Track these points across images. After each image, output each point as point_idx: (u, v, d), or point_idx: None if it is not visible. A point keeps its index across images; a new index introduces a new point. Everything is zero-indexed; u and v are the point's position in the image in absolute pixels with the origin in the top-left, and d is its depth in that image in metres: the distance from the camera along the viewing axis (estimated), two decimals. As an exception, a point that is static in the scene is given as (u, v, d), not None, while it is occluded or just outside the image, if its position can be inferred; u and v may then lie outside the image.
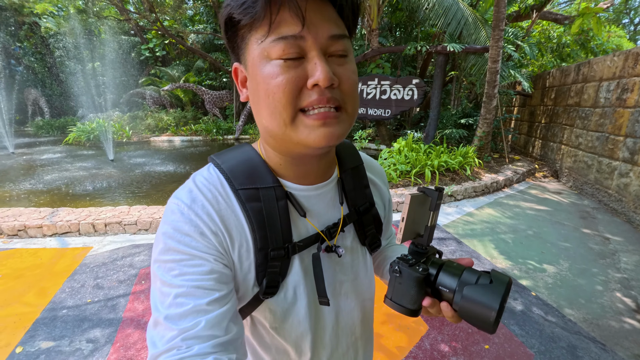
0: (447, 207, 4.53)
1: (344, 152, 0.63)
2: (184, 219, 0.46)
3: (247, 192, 0.50)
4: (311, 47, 0.42)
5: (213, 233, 0.47)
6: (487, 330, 0.44)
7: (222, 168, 0.51)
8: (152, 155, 8.59)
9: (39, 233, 3.44)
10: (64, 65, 14.79)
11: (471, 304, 0.44)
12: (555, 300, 2.46)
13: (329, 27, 0.43)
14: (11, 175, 6.41)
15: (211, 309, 0.42)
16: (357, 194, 0.61)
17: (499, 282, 0.45)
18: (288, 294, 0.53)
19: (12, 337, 2.02)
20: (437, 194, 0.50)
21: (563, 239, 3.57)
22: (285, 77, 0.42)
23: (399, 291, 0.50)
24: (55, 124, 13.51)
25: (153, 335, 0.42)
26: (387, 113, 7.51)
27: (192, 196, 0.48)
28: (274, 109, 0.44)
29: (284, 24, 0.41)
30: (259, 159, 0.53)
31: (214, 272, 0.45)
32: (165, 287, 0.43)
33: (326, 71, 0.42)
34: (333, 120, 0.45)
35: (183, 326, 0.41)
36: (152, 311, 0.44)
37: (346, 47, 0.46)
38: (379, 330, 2.11)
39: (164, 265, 0.45)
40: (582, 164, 5.39)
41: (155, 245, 0.47)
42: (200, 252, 0.45)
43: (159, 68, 14.00)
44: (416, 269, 0.49)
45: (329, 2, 0.44)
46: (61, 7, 12.83)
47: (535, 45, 7.79)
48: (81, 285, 2.58)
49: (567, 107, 6.07)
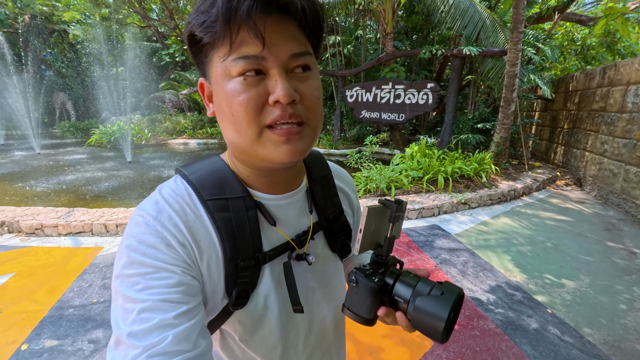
0: (460, 216, 4.38)
1: (311, 161, 0.64)
2: (149, 231, 0.45)
3: (216, 202, 0.49)
4: (272, 65, 0.43)
5: (180, 244, 0.46)
6: (437, 340, 0.45)
7: (189, 179, 0.51)
8: (168, 157, 8.81)
9: (54, 232, 3.56)
10: (90, 70, 15.48)
11: (422, 314, 0.46)
12: (573, 319, 2.30)
13: (290, 45, 0.43)
14: (35, 175, 6.71)
15: (178, 323, 0.40)
16: (326, 202, 0.62)
17: (450, 293, 0.46)
18: (258, 304, 0.53)
19: (19, 334, 2.08)
20: (397, 206, 0.51)
21: (584, 252, 3.36)
22: (246, 95, 0.43)
23: (355, 300, 0.51)
24: (80, 126, 14.11)
25: (114, 355, 0.40)
26: (400, 117, 7.40)
27: (158, 207, 0.47)
28: (238, 126, 0.45)
29: (244, 44, 0.42)
30: (227, 170, 0.53)
31: (182, 284, 0.44)
32: (129, 302, 0.41)
33: (286, 88, 0.42)
34: (296, 136, 0.45)
35: (148, 342, 0.38)
36: (113, 330, 0.41)
37: (308, 62, 0.46)
38: (381, 343, 2.03)
39: (128, 280, 0.43)
40: (608, 172, 5.10)
41: (118, 260, 0.45)
42: (166, 265, 0.44)
43: (178, 72, 14.42)
44: (372, 279, 0.50)
45: (292, 19, 0.44)
46: (88, 15, 13.46)
47: (557, 47, 7.49)
48: (89, 285, 2.63)
49: (591, 112, 5.77)
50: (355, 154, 6.48)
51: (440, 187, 4.88)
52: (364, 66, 8.37)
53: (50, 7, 13.84)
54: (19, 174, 6.72)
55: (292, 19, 0.44)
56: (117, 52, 14.99)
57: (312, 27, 0.46)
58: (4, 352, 1.92)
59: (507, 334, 2.13)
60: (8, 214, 3.71)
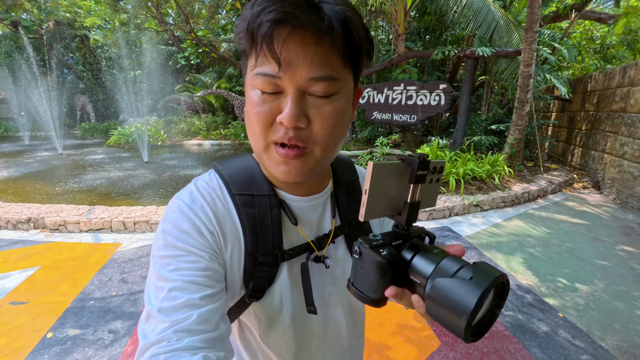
0: (472, 218, 4.34)
1: (339, 166, 0.64)
2: (183, 218, 0.49)
3: (243, 197, 0.53)
4: (288, 86, 0.43)
5: (210, 232, 0.49)
6: (459, 337, 0.34)
7: (222, 174, 0.54)
8: (182, 158, 9.03)
9: (76, 228, 3.73)
10: (109, 73, 16.02)
11: (440, 301, 0.35)
12: (585, 324, 2.27)
13: (309, 69, 0.42)
14: (58, 173, 7.01)
15: (203, 304, 0.44)
16: (350, 207, 0.62)
17: (483, 277, 0.34)
18: (274, 301, 0.54)
19: (45, 322, 2.21)
20: (418, 162, 0.40)
21: (601, 257, 3.28)
22: (261, 108, 0.45)
23: (360, 276, 0.42)
24: (99, 128, 14.62)
25: (144, 328, 0.43)
26: (412, 119, 7.35)
27: (192, 197, 0.52)
28: (253, 134, 0.48)
29: (265, 62, 0.43)
30: (257, 168, 0.56)
31: (209, 269, 0.47)
32: (161, 281, 0.45)
33: (292, 113, 0.43)
34: (293, 160, 0.46)
35: (175, 318, 0.42)
36: (145, 305, 0.45)
37: (328, 89, 0.44)
38: (388, 341, 2.06)
39: (161, 260, 0.47)
40: (628, 175, 4.94)
41: (155, 242, 0.50)
42: (196, 250, 0.47)
43: (193, 75, 14.75)
44: (379, 251, 0.40)
45: (316, 39, 0.41)
46: (107, 20, 13.95)
47: (574, 47, 7.29)
48: (109, 279, 2.76)
49: (611, 112, 5.61)
50: (367, 155, 6.49)
51: (452, 188, 4.84)
52: (376, 67, 8.37)
53: (73, 14, 14.43)
54: (43, 173, 7.04)
55: (316, 39, 0.42)
56: (134, 56, 15.47)
57: (344, 46, 0.43)
58: (31, 339, 2.05)
59: (516, 336, 2.12)
60: (34, 211, 3.91)
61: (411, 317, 2.30)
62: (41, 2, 14.03)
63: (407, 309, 0.47)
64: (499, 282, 0.35)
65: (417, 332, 2.15)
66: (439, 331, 2.15)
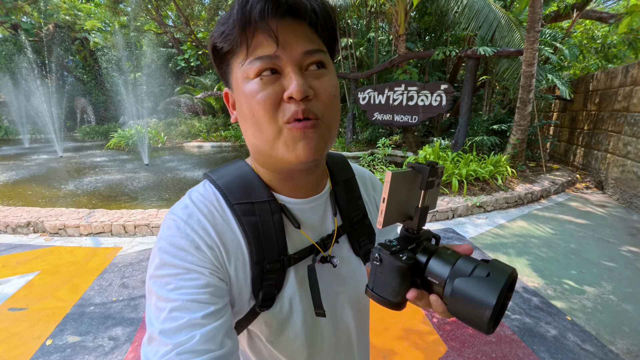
0: (475, 219, 4.30)
1: (335, 165, 0.64)
2: (180, 234, 0.47)
3: (243, 206, 0.51)
4: (286, 64, 0.44)
5: (209, 247, 0.48)
6: (482, 331, 0.37)
7: (217, 184, 0.53)
8: (183, 160, 9.01)
9: (76, 232, 3.69)
10: (109, 76, 16.03)
11: (463, 300, 0.38)
12: (594, 327, 2.23)
13: (302, 44, 0.45)
14: (57, 176, 6.99)
15: (206, 323, 0.42)
16: (350, 205, 0.62)
17: (499, 274, 0.37)
18: (284, 307, 0.54)
19: (44, 329, 2.17)
20: (429, 169, 0.43)
21: (607, 258, 3.24)
22: (264, 93, 0.44)
23: (380, 281, 0.44)
24: (100, 130, 14.62)
25: (147, 351, 0.42)
26: (414, 119, 7.32)
27: (188, 211, 0.50)
28: (260, 125, 0.46)
29: (260, 47, 0.44)
30: (253, 174, 0.54)
31: (210, 285, 0.45)
32: (161, 301, 0.43)
33: (300, 84, 0.43)
34: (310, 130, 0.46)
35: (177, 340, 0.40)
36: (146, 327, 0.44)
37: (322, 59, 0.47)
38: (394, 346, 2.02)
39: (160, 280, 0.45)
40: (631, 175, 4.90)
41: (151, 261, 0.48)
42: (195, 266, 0.46)
43: (193, 77, 14.75)
44: (399, 257, 0.42)
45: (303, 21, 0.46)
46: (107, 23, 13.95)
47: (576, 46, 7.26)
48: (109, 284, 2.72)
49: (613, 112, 5.57)
50: (368, 157, 6.46)
51: (455, 190, 4.80)
52: (377, 68, 8.35)
53: (73, 17, 14.44)
54: (43, 176, 7.01)
55: (303, 21, 0.46)
56: (134, 58, 15.48)
57: (324, 27, 0.48)
58: (30, 347, 2.01)
59: (524, 340, 2.08)
60: (33, 214, 3.88)
61: (416, 321, 2.26)
62: (41, 5, 14.04)
63: (424, 309, 0.49)
64: (513, 277, 0.38)
65: (424, 336, 2.11)
66: (445, 336, 2.11)
